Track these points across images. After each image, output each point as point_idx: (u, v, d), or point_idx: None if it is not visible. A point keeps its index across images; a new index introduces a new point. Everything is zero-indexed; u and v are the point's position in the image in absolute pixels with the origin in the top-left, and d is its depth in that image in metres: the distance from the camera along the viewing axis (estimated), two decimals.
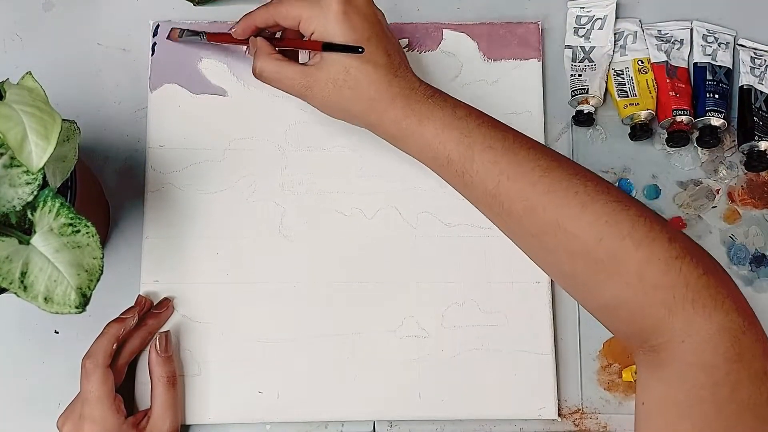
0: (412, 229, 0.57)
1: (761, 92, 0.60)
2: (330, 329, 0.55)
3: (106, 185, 0.58)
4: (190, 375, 0.54)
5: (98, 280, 0.42)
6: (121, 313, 0.52)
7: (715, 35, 0.62)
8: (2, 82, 0.43)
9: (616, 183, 0.59)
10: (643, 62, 0.60)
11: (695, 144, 0.60)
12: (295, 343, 0.55)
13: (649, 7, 0.63)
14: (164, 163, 0.57)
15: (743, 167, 0.60)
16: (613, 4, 0.61)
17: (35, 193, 0.41)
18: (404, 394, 0.54)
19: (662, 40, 0.61)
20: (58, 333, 0.56)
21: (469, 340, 0.55)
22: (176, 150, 0.57)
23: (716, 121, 0.58)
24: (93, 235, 0.42)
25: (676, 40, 0.61)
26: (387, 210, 0.57)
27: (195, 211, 0.56)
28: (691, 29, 0.62)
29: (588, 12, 0.61)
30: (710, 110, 0.59)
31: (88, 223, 0.42)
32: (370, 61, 0.47)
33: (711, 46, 0.61)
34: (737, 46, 0.62)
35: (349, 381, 0.54)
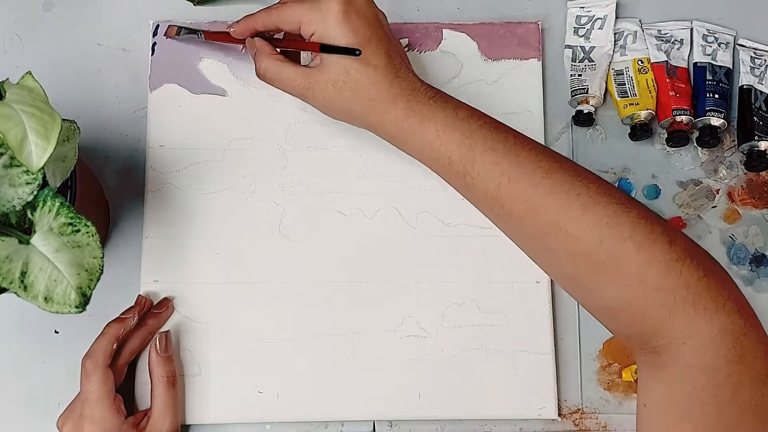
0: (412, 229, 0.57)
1: (761, 92, 0.60)
2: (330, 329, 0.55)
3: (106, 185, 0.58)
4: (190, 375, 0.54)
5: (98, 280, 0.42)
6: (121, 313, 0.52)
7: (715, 35, 0.62)
8: (2, 82, 0.43)
9: (616, 183, 0.59)
10: (643, 62, 0.60)
11: (695, 144, 0.60)
12: (295, 343, 0.55)
13: (649, 7, 0.63)
14: (164, 163, 0.57)
15: (743, 167, 0.60)
16: (613, 4, 0.61)
17: (35, 192, 0.41)
18: (404, 394, 0.54)
19: (662, 40, 0.61)
20: (58, 333, 0.56)
21: (469, 340, 0.55)
22: (176, 150, 0.57)
23: (716, 121, 0.58)
24: (93, 235, 0.42)
25: (676, 40, 0.61)
26: (387, 210, 0.57)
27: (195, 211, 0.56)
28: (691, 29, 0.62)
29: (588, 12, 0.61)
30: (710, 110, 0.59)
31: (88, 223, 0.42)
32: (370, 63, 0.47)
33: (711, 46, 0.61)
34: (737, 46, 0.62)
35: (349, 381, 0.54)
